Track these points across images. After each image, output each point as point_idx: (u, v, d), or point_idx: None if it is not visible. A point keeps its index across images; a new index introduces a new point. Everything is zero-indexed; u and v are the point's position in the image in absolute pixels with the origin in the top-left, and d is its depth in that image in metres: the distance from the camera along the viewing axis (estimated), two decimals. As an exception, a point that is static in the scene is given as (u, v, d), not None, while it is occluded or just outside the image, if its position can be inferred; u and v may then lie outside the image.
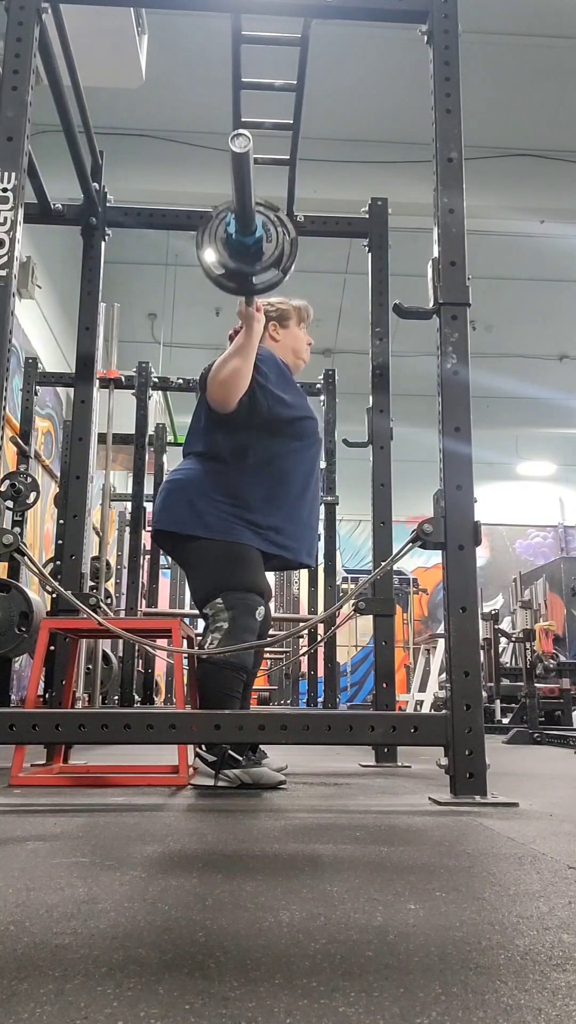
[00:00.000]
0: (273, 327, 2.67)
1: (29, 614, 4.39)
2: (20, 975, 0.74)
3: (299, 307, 2.73)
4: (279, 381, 2.51)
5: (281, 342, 2.68)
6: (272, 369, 2.51)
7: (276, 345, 2.66)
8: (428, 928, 0.90)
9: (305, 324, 2.75)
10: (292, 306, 2.72)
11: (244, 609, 2.34)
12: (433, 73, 2.26)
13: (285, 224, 2.21)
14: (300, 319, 2.72)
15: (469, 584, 2.01)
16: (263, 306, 2.54)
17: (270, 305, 2.66)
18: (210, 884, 1.09)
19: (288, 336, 2.69)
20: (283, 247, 2.19)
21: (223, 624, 2.32)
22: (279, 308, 2.69)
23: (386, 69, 6.71)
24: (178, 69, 6.60)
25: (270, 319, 2.65)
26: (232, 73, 2.83)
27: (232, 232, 2.14)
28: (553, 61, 6.76)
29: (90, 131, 3.22)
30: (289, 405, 2.50)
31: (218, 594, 2.35)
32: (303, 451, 2.54)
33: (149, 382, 5.84)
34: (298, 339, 2.71)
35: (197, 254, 2.18)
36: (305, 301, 2.77)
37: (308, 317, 2.76)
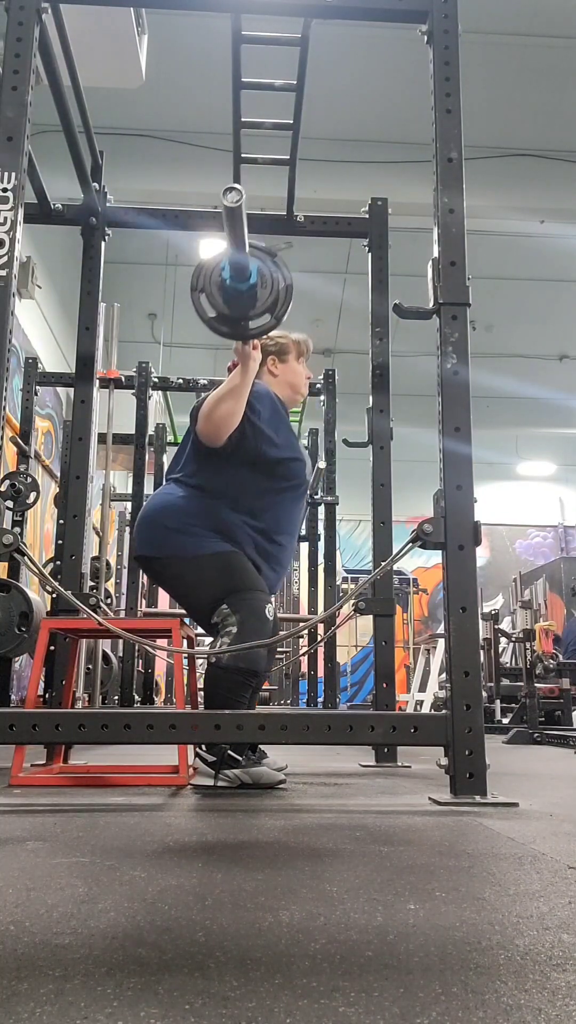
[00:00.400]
0: (272, 361, 2.66)
1: (29, 614, 4.39)
2: (20, 975, 0.74)
3: (299, 341, 2.71)
4: (271, 419, 2.49)
5: (279, 377, 2.66)
6: (266, 407, 2.48)
7: (274, 380, 2.65)
8: (428, 928, 0.90)
9: (304, 358, 2.73)
10: (292, 340, 2.70)
11: (251, 611, 2.32)
12: (433, 73, 2.26)
13: (281, 269, 2.22)
14: (299, 353, 2.70)
15: (469, 584, 2.01)
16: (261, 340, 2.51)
17: (270, 339, 2.63)
18: (210, 884, 1.09)
19: (287, 371, 2.68)
20: (277, 293, 2.20)
21: (232, 628, 2.29)
22: (279, 342, 2.67)
23: (386, 69, 6.71)
24: (178, 69, 6.60)
25: (269, 353, 2.64)
26: (232, 73, 2.83)
27: (227, 278, 2.16)
28: (553, 61, 6.76)
29: (90, 131, 3.22)
30: (278, 445, 2.48)
31: (222, 600, 2.33)
32: (288, 492, 2.52)
33: (149, 382, 5.84)
34: (297, 374, 2.69)
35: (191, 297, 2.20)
36: (305, 335, 2.75)
37: (308, 351, 2.74)
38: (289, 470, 2.51)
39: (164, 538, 2.40)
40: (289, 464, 2.51)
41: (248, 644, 2.25)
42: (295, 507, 2.57)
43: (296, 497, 2.56)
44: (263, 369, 2.62)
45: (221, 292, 2.18)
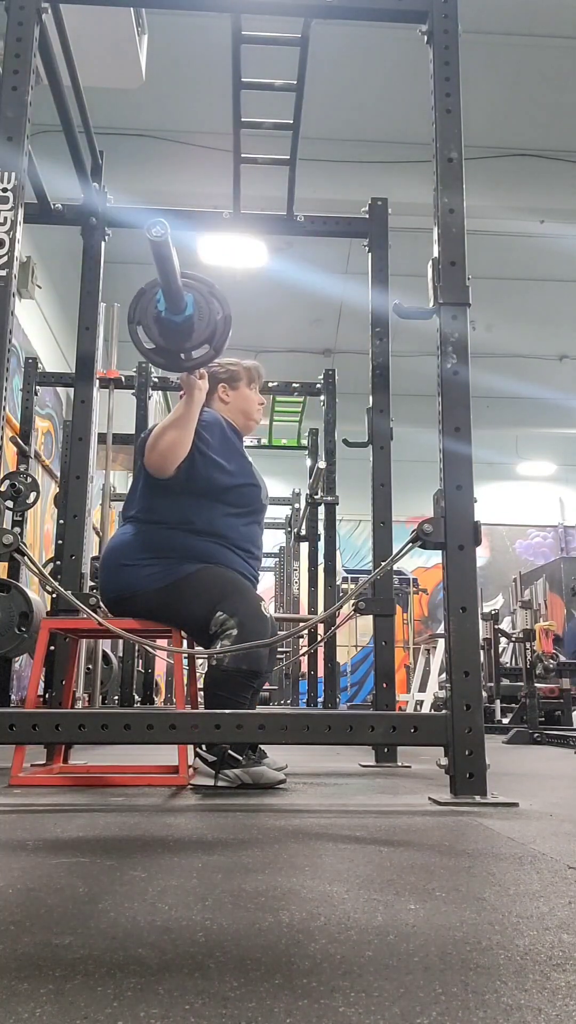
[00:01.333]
0: (223, 388, 2.66)
1: (29, 614, 4.39)
2: (20, 975, 0.74)
3: (249, 368, 2.71)
4: (221, 447, 2.48)
5: (231, 404, 2.67)
6: (215, 434, 2.48)
7: (225, 407, 2.65)
8: (428, 928, 0.90)
9: (256, 384, 2.73)
10: (243, 367, 2.70)
11: (249, 611, 2.31)
12: (433, 73, 2.26)
13: (219, 300, 2.23)
14: (251, 379, 2.70)
15: (469, 584, 2.01)
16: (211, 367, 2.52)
17: (220, 367, 2.63)
18: (210, 884, 1.09)
19: (238, 397, 2.67)
20: (215, 324, 2.21)
21: (232, 631, 2.28)
22: (229, 370, 2.67)
23: (386, 69, 6.71)
24: (178, 69, 6.60)
25: (220, 380, 2.65)
26: (232, 73, 2.83)
27: (162, 310, 2.16)
28: (553, 61, 6.76)
29: (90, 131, 3.22)
30: (230, 472, 2.47)
31: (215, 610, 2.32)
32: (244, 517, 2.51)
33: (149, 382, 5.84)
34: (248, 400, 2.69)
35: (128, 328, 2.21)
36: (256, 362, 2.76)
37: (259, 378, 2.74)
38: (243, 496, 2.51)
39: (128, 576, 2.40)
40: (243, 490, 2.51)
41: (248, 644, 2.24)
42: (254, 531, 2.57)
43: (253, 521, 2.56)
44: (214, 397, 2.63)
45: (157, 324, 2.19)
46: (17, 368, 6.29)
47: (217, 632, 2.31)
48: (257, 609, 2.34)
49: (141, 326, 2.21)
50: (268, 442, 6.84)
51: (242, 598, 2.34)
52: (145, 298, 2.22)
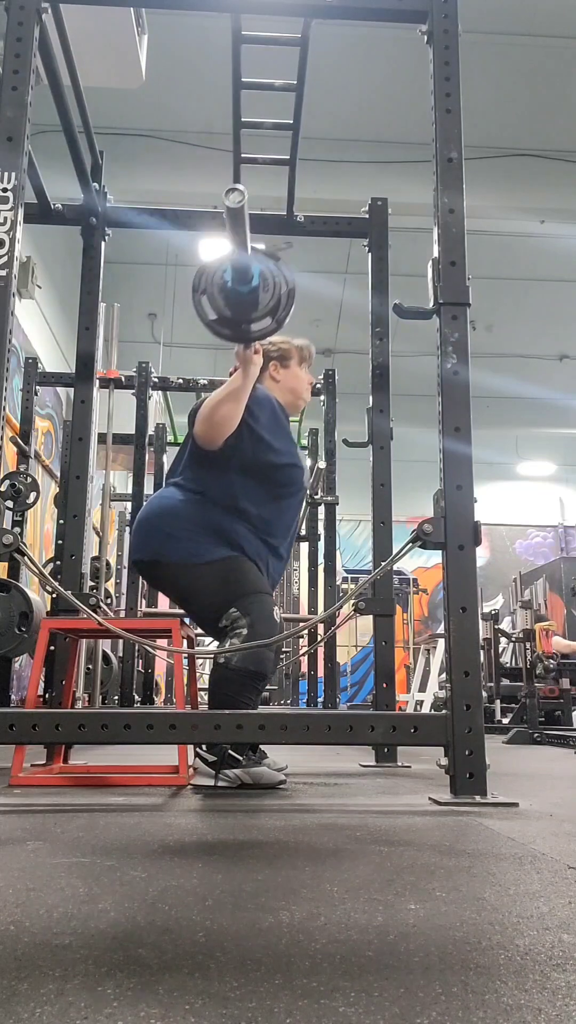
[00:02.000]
0: (274, 366, 2.65)
1: (29, 614, 4.39)
2: (20, 975, 0.74)
3: (301, 347, 2.70)
4: (270, 424, 2.48)
5: (281, 382, 2.66)
6: (265, 412, 2.48)
7: (276, 385, 2.64)
8: (428, 928, 0.90)
9: (307, 364, 2.72)
10: (294, 346, 2.69)
11: (261, 614, 2.31)
12: (433, 73, 2.26)
13: (284, 274, 2.22)
14: (302, 359, 2.69)
15: (469, 584, 2.01)
16: (264, 345, 2.51)
17: (271, 344, 2.62)
18: (210, 884, 1.09)
19: (288, 376, 2.67)
20: (279, 297, 2.20)
21: (243, 630, 2.28)
22: (281, 348, 2.66)
23: (386, 69, 6.71)
24: (178, 69, 6.60)
25: (271, 359, 2.63)
26: (232, 73, 2.83)
27: (229, 280, 2.15)
28: (553, 61, 6.76)
29: (90, 131, 3.22)
30: (276, 451, 2.47)
31: (230, 604, 2.32)
32: (285, 499, 2.51)
33: (149, 382, 5.84)
34: (299, 379, 2.68)
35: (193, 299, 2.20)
36: (308, 341, 2.74)
37: (310, 357, 2.73)
38: (287, 476, 2.50)
39: (163, 544, 2.39)
40: (287, 470, 2.50)
41: (250, 644, 2.25)
42: (292, 513, 2.57)
43: (293, 504, 2.56)
44: (265, 375, 2.61)
45: (222, 294, 2.18)
46: (17, 368, 6.29)
47: (227, 627, 2.31)
48: (269, 613, 2.34)
49: (206, 295, 2.20)
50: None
51: (258, 600, 2.34)
52: (211, 269, 2.20)
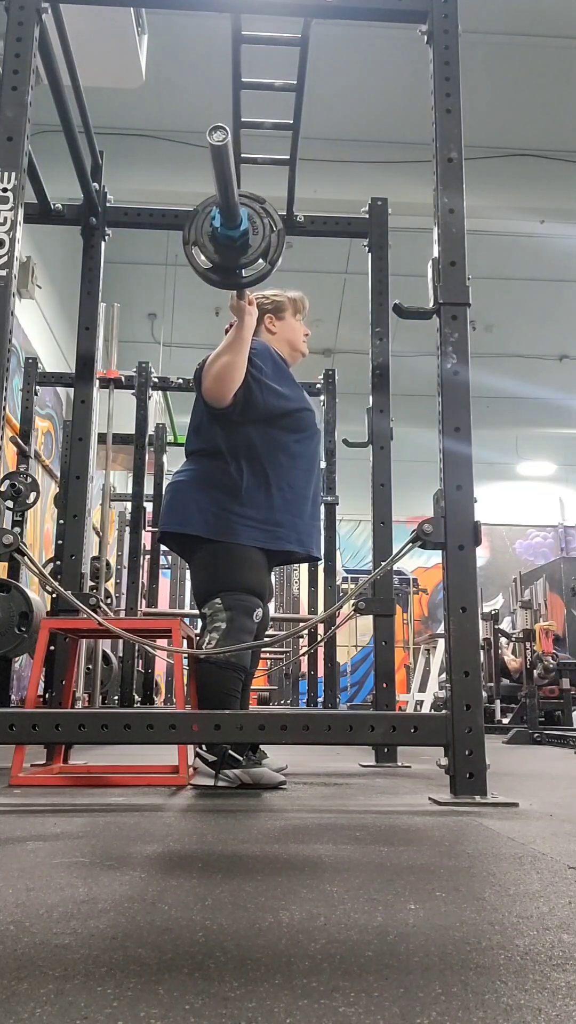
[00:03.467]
0: (269, 319, 2.67)
1: (29, 614, 4.39)
2: (20, 975, 0.74)
3: (294, 298, 2.72)
4: (275, 374, 2.51)
5: (278, 334, 2.67)
6: (267, 362, 2.50)
7: (272, 337, 2.66)
8: (428, 928, 0.90)
9: (301, 315, 2.74)
10: (288, 298, 2.71)
11: (242, 610, 2.35)
12: (433, 73, 2.26)
13: (271, 215, 2.21)
14: (296, 310, 2.72)
15: (469, 584, 2.01)
16: (257, 299, 2.54)
17: (264, 297, 2.65)
18: (210, 884, 1.09)
19: (285, 328, 2.69)
20: (270, 239, 2.19)
21: (221, 624, 2.32)
22: (274, 300, 2.68)
23: (386, 69, 6.70)
24: (178, 69, 6.59)
25: (265, 311, 2.65)
26: (232, 73, 2.83)
27: (218, 226, 2.15)
28: (553, 61, 6.75)
29: (90, 131, 3.22)
30: (286, 397, 2.50)
31: (217, 594, 2.36)
32: (303, 443, 2.54)
33: (149, 382, 5.84)
34: (295, 330, 2.70)
35: (184, 250, 2.19)
36: (300, 292, 2.76)
37: (304, 308, 2.75)
38: (302, 421, 2.53)
39: (187, 515, 2.43)
40: (300, 415, 2.53)
41: (244, 645, 2.29)
42: (314, 458, 2.59)
43: (312, 447, 2.58)
44: (261, 327, 2.64)
45: (212, 241, 2.17)
46: (17, 368, 6.29)
47: (207, 616, 2.36)
48: (250, 612, 2.37)
49: (197, 246, 2.19)
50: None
51: (244, 598, 2.36)
52: (199, 217, 2.19)
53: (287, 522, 2.46)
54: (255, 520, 2.41)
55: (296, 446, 2.52)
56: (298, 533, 2.49)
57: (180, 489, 2.49)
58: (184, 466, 2.56)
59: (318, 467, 2.64)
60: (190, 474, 2.50)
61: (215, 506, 2.41)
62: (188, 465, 2.54)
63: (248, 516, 2.41)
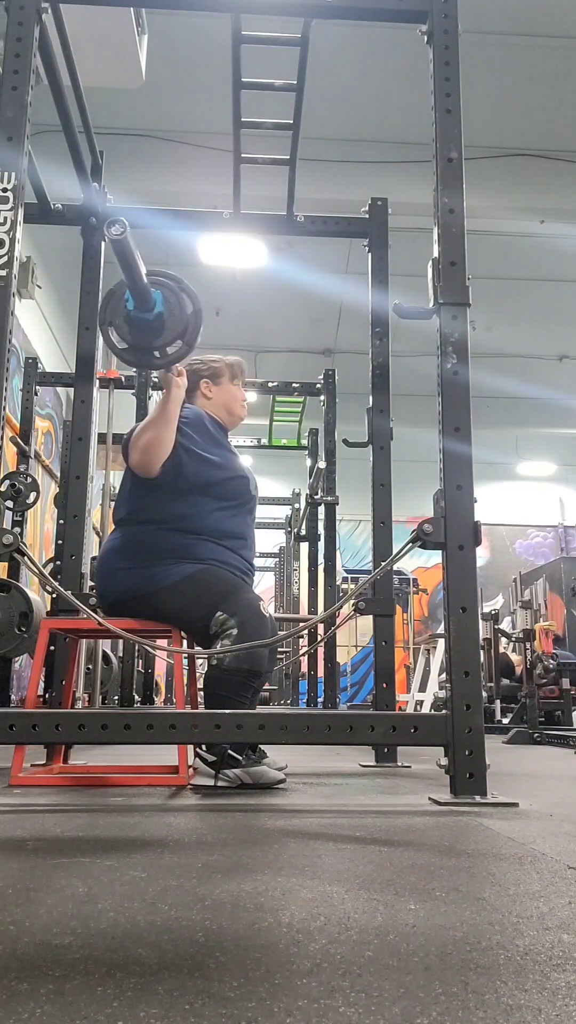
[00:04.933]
0: (206, 384, 2.68)
1: (29, 614, 4.39)
2: (20, 975, 0.74)
3: (232, 363, 2.73)
4: (205, 442, 2.50)
5: (214, 399, 2.68)
6: (198, 430, 2.50)
7: (208, 403, 2.67)
8: (428, 928, 0.90)
9: (240, 380, 2.75)
10: (225, 363, 2.72)
11: (250, 611, 2.31)
12: (433, 73, 2.26)
13: (189, 295, 2.22)
14: (233, 375, 2.72)
15: (469, 584, 2.01)
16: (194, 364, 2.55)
17: (202, 363, 2.67)
18: (210, 884, 1.09)
19: (221, 393, 2.69)
20: (186, 320, 2.20)
21: (233, 630, 2.28)
22: (211, 366, 2.70)
23: (386, 69, 6.71)
24: (178, 69, 6.60)
25: (202, 377, 2.67)
26: (232, 73, 2.83)
27: (131, 308, 2.16)
28: (553, 61, 6.76)
29: (90, 131, 3.22)
30: (217, 466, 2.48)
31: (215, 611, 2.32)
32: (235, 510, 2.52)
33: (149, 382, 5.84)
34: (232, 396, 2.71)
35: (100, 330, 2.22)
36: (239, 358, 2.79)
37: (242, 373, 2.76)
38: (232, 490, 2.52)
39: (126, 580, 2.40)
40: (231, 483, 2.52)
41: (248, 644, 2.24)
42: (246, 523, 2.57)
43: (244, 513, 2.56)
44: (197, 393, 2.67)
45: (127, 323, 2.19)
46: (17, 368, 6.29)
47: (217, 632, 2.31)
48: (257, 608, 2.34)
49: (112, 327, 2.22)
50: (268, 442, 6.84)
51: (242, 598, 2.34)
52: (115, 299, 2.22)
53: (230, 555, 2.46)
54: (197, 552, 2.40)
55: (225, 513, 2.49)
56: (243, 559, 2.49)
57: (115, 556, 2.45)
58: (113, 535, 2.53)
59: (252, 535, 2.61)
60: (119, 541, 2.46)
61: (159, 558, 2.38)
62: (117, 535, 2.51)
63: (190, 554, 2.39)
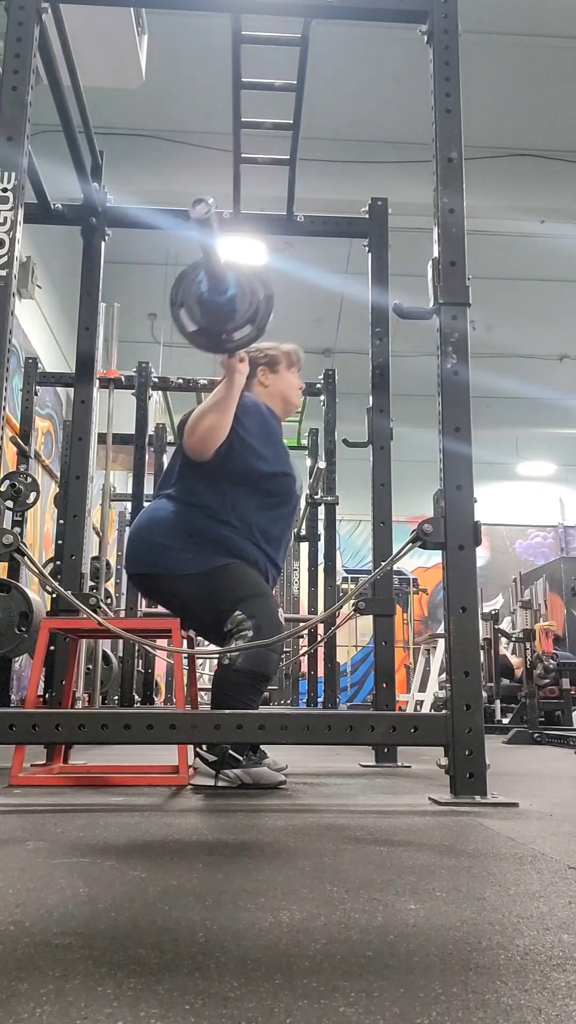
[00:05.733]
0: (263, 372, 2.65)
1: (29, 614, 4.39)
2: (20, 975, 0.74)
3: (289, 352, 2.70)
4: (260, 433, 2.48)
5: (271, 387, 2.65)
6: (254, 420, 2.47)
7: (265, 391, 2.64)
8: (428, 928, 0.90)
9: (296, 368, 2.72)
10: (282, 351, 2.69)
11: (267, 616, 2.30)
12: (433, 73, 2.26)
13: (261, 281, 2.22)
14: (290, 364, 2.70)
15: (469, 584, 2.01)
16: (251, 352, 2.52)
17: (259, 351, 2.63)
18: (210, 884, 1.09)
19: (278, 381, 2.67)
20: (258, 304, 2.20)
21: (248, 632, 2.27)
22: (268, 354, 2.67)
23: (386, 69, 6.70)
24: (178, 69, 6.60)
25: (259, 365, 2.64)
26: (232, 73, 2.83)
27: (205, 291, 2.15)
28: (553, 61, 6.75)
29: (90, 131, 3.22)
30: (266, 459, 2.46)
31: (234, 609, 2.30)
32: (278, 508, 2.51)
33: (149, 382, 5.84)
34: (288, 384, 2.68)
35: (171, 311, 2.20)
36: (296, 345, 2.75)
37: (299, 361, 2.73)
38: (278, 485, 2.50)
39: (159, 555, 2.39)
40: (279, 479, 2.50)
41: (251, 644, 2.24)
42: (285, 523, 2.56)
43: (286, 514, 2.55)
44: (253, 381, 2.62)
45: (199, 305, 2.18)
46: (17, 368, 6.29)
47: (232, 631, 2.29)
48: (275, 616, 2.34)
49: (184, 308, 2.19)
50: (268, 442, 6.82)
51: (263, 602, 2.33)
52: (187, 280, 2.20)
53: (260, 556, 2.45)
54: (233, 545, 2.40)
55: (271, 510, 2.48)
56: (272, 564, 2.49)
57: (152, 527, 2.44)
58: (156, 504, 2.52)
59: (290, 535, 2.60)
60: (161, 513, 2.45)
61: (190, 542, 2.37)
62: (160, 504, 2.49)
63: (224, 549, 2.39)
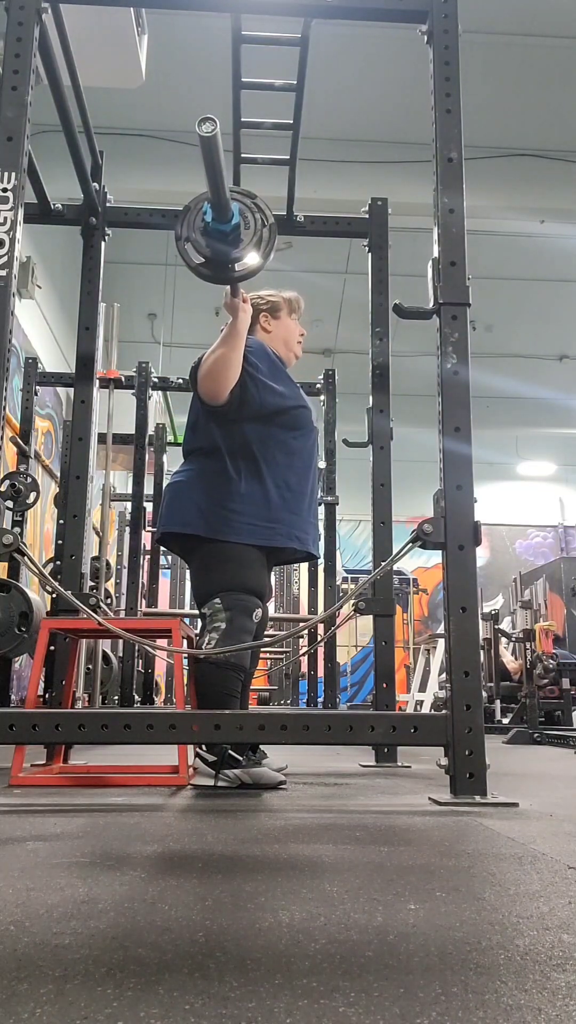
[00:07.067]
0: (264, 318, 2.67)
1: (29, 614, 4.39)
2: (20, 975, 0.74)
3: (289, 298, 2.73)
4: (270, 371, 2.51)
5: (273, 333, 2.68)
6: (263, 359, 2.50)
7: (268, 336, 2.66)
8: (428, 928, 0.90)
9: (297, 315, 2.74)
10: (283, 298, 2.72)
11: (241, 610, 2.35)
12: (433, 73, 2.26)
13: (263, 210, 2.21)
14: (291, 310, 2.72)
15: (469, 584, 2.01)
16: (252, 299, 2.55)
17: (260, 297, 2.66)
18: (210, 884, 1.09)
19: (280, 327, 2.69)
20: (261, 233, 2.19)
21: (220, 624, 2.33)
22: (270, 300, 2.69)
23: (386, 69, 6.70)
24: (178, 69, 6.59)
25: (261, 310, 2.66)
26: (232, 73, 2.83)
27: (209, 220, 2.15)
28: (553, 61, 6.75)
29: (90, 131, 3.22)
30: (282, 395, 2.50)
31: (217, 594, 2.36)
32: (300, 440, 2.54)
33: (149, 382, 5.84)
34: (290, 330, 2.70)
35: (176, 245, 2.19)
36: (295, 293, 2.77)
37: (299, 308, 2.75)
38: (298, 418, 2.53)
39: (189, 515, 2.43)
40: (297, 412, 2.53)
41: (244, 645, 2.30)
42: (311, 456, 2.59)
43: (308, 445, 2.57)
44: (256, 327, 2.64)
45: (204, 236, 2.17)
46: (17, 368, 6.29)
47: (207, 616, 2.36)
48: (250, 612, 2.38)
49: (190, 242, 2.19)
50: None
51: (244, 598, 2.37)
52: (191, 213, 2.19)
53: (285, 519, 2.46)
54: (252, 517, 2.41)
55: (293, 443, 2.52)
56: (296, 530, 2.49)
57: (179, 490, 2.49)
58: (182, 466, 2.57)
59: (315, 465, 2.63)
60: (188, 474, 2.50)
61: (213, 505, 2.41)
62: (186, 465, 2.55)
63: (245, 513, 2.41)
